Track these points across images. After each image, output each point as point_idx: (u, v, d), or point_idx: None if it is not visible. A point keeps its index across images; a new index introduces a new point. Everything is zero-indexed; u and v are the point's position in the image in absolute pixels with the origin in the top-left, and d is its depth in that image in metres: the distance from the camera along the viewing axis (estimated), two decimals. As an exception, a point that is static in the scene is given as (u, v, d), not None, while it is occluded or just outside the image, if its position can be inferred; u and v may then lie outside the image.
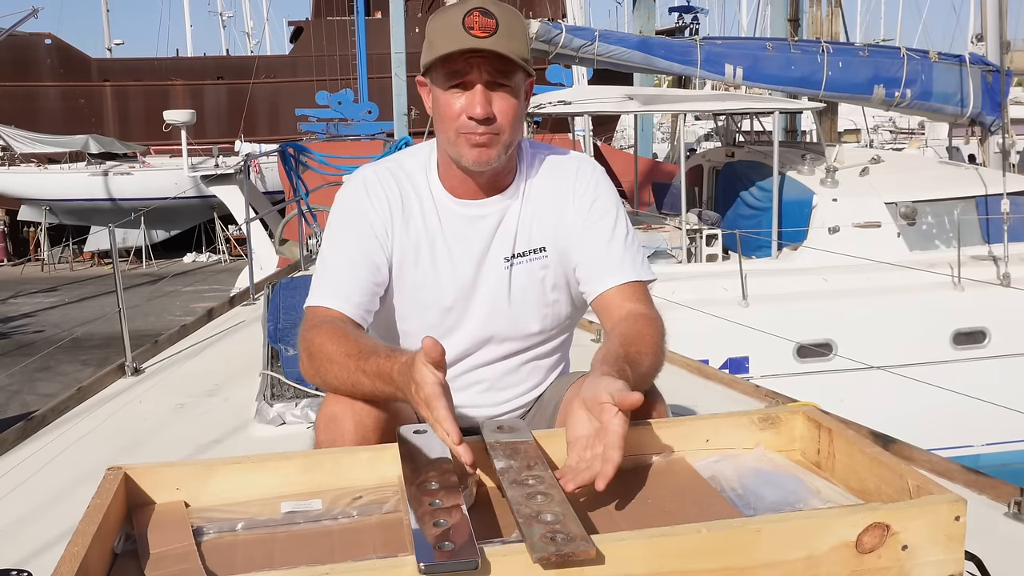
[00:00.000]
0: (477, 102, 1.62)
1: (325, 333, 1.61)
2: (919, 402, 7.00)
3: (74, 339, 11.58)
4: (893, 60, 9.86)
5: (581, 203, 1.78)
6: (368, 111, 19.28)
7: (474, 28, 1.58)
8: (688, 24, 26.01)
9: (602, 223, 1.77)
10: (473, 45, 1.58)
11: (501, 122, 1.65)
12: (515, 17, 1.64)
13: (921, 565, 1.15)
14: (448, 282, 1.76)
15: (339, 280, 1.71)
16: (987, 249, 8.72)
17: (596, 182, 1.80)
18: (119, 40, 38.39)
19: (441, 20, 1.64)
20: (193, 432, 3.26)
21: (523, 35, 1.66)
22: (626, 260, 1.75)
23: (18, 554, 2.15)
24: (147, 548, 1.23)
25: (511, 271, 1.77)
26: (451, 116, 1.65)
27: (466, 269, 1.76)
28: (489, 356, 1.82)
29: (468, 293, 1.77)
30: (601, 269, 1.75)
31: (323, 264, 1.76)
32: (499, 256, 1.77)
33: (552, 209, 1.78)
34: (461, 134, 1.65)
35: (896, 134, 26.59)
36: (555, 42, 9.05)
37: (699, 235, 8.98)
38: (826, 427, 1.45)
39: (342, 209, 1.79)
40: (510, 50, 1.60)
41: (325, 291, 1.71)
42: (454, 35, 1.59)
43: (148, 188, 20.30)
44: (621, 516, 1.30)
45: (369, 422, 1.55)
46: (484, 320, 1.78)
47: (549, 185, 1.79)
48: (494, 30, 1.59)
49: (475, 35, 1.58)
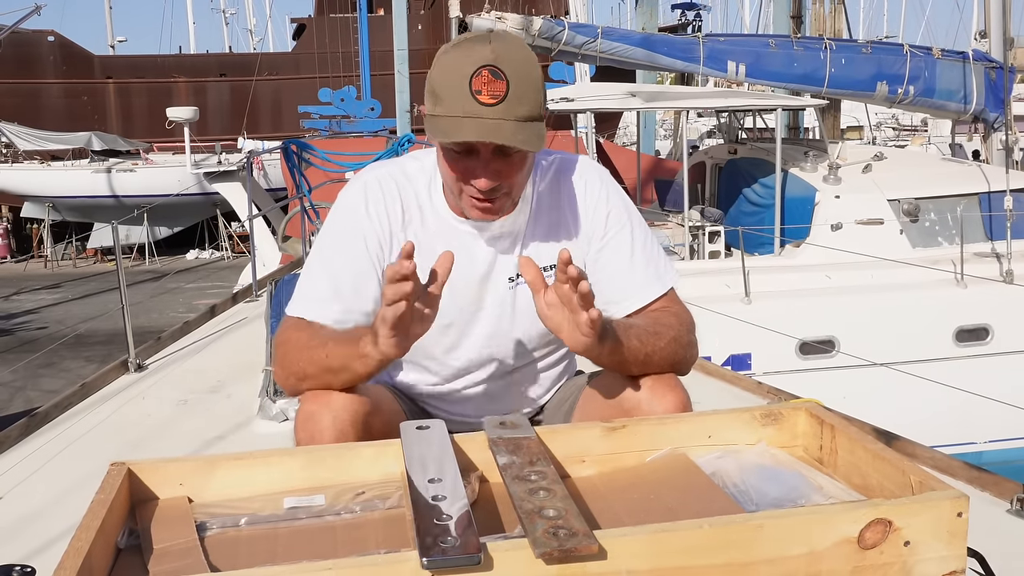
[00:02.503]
0: (482, 175, 1.53)
1: (291, 328, 1.61)
2: (922, 399, 7.00)
3: (77, 336, 11.58)
4: (896, 57, 9.85)
5: (595, 219, 1.70)
6: (371, 108, 19.26)
7: (482, 93, 1.46)
8: (691, 21, 26.00)
9: (620, 237, 1.70)
10: (478, 118, 1.47)
11: (509, 183, 1.57)
12: (528, 67, 1.51)
13: (923, 561, 1.15)
14: (448, 300, 1.61)
15: (324, 298, 1.63)
16: (990, 246, 8.71)
17: (607, 192, 1.73)
18: (122, 37, 38.45)
19: (447, 69, 1.51)
20: (196, 428, 3.27)
21: (537, 88, 1.52)
22: (649, 274, 1.70)
23: (22, 550, 2.15)
24: (150, 543, 1.24)
25: (515, 291, 1.70)
26: (454, 176, 1.57)
27: (467, 288, 1.68)
28: (491, 371, 1.77)
29: (470, 313, 1.70)
30: (624, 290, 1.69)
31: (310, 275, 1.67)
32: (503, 276, 1.70)
33: (561, 226, 1.71)
34: (466, 196, 1.58)
35: (899, 131, 26.57)
36: (558, 39, 9.05)
37: (702, 232, 8.99)
38: (828, 423, 1.45)
39: (338, 220, 1.70)
40: (519, 116, 1.49)
41: (308, 305, 1.63)
42: (459, 98, 1.48)
43: (151, 185, 20.30)
44: (623, 512, 1.30)
45: (346, 416, 1.50)
46: (486, 339, 1.72)
47: (558, 200, 1.71)
48: (503, 96, 1.47)
49: (482, 102, 1.47)
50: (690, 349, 1.66)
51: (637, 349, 1.55)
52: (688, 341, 1.65)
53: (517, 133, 1.49)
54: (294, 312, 1.64)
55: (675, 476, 1.39)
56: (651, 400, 1.56)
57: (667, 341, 1.59)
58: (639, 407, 1.56)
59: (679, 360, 1.62)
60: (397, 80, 14.38)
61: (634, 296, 1.69)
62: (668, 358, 1.59)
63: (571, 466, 1.43)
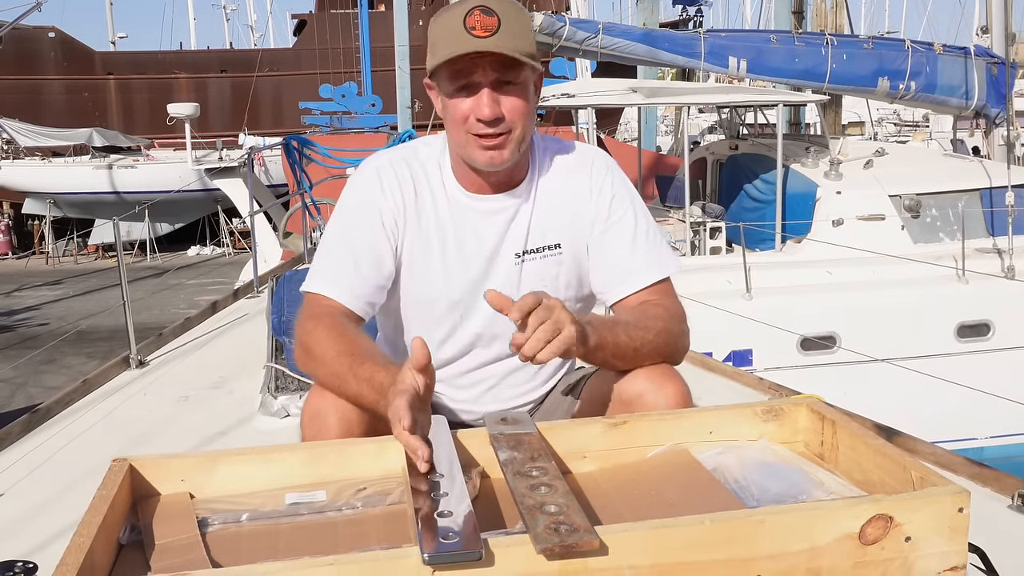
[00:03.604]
0: (485, 104, 1.59)
1: (324, 327, 1.59)
2: (923, 395, 7.00)
3: (79, 332, 11.61)
4: (898, 52, 9.85)
5: (599, 201, 1.75)
6: (372, 104, 19.21)
7: (476, 28, 1.55)
8: (692, 17, 25.93)
9: (623, 221, 1.75)
10: (475, 47, 1.55)
11: (511, 120, 1.62)
12: (518, 12, 1.61)
13: (924, 557, 1.15)
14: (457, 276, 1.74)
15: (342, 270, 1.69)
16: (991, 242, 8.71)
17: (612, 178, 1.78)
18: (123, 33, 38.46)
19: (442, 21, 1.60)
20: (197, 424, 3.27)
21: (527, 30, 1.62)
22: (651, 260, 1.74)
23: (24, 546, 2.15)
24: (152, 539, 1.24)
25: (522, 267, 1.75)
26: (460, 119, 1.63)
27: (476, 264, 1.74)
28: (495, 354, 1.80)
29: (477, 288, 1.74)
30: (620, 275, 1.73)
31: (327, 251, 1.73)
32: (510, 252, 1.75)
33: (568, 206, 1.76)
34: (471, 136, 1.63)
35: (900, 127, 26.54)
36: (559, 35, 9.05)
37: (703, 228, 8.98)
38: (830, 419, 1.45)
39: (353, 197, 1.76)
40: (514, 48, 1.57)
41: (327, 279, 1.68)
42: (456, 37, 1.56)
43: (152, 181, 20.31)
44: (624, 507, 1.30)
45: (353, 417, 1.53)
46: (491, 316, 1.74)
47: (563, 181, 1.77)
48: (496, 28, 1.55)
49: (477, 35, 1.55)
50: (681, 339, 1.68)
51: (625, 344, 1.57)
52: (678, 331, 1.67)
53: (512, 49, 1.57)
54: (312, 288, 1.68)
55: (676, 472, 1.39)
56: (653, 391, 1.57)
57: (655, 334, 1.61)
58: (641, 398, 1.57)
59: (669, 352, 1.64)
60: (398, 76, 14.35)
61: (633, 279, 1.72)
62: (658, 350, 1.61)
63: (572, 462, 1.43)
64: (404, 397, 1.29)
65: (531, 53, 1.61)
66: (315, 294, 1.68)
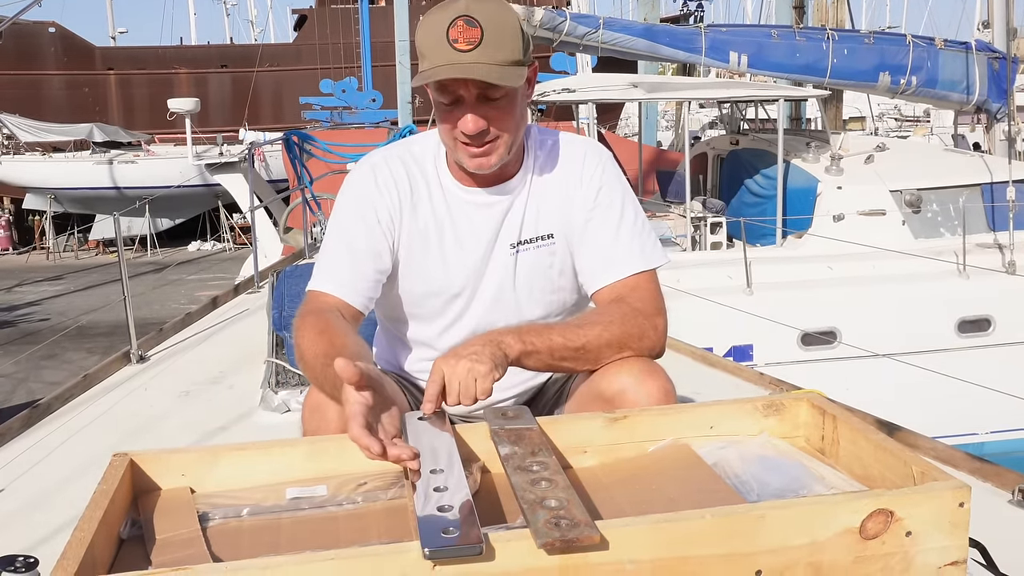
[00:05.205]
0: (468, 120, 1.59)
1: (308, 325, 1.60)
2: (924, 390, 7.00)
3: (79, 327, 11.61)
4: (899, 47, 9.82)
5: (588, 190, 1.77)
6: (372, 99, 19.21)
7: (458, 41, 1.54)
8: (693, 12, 25.95)
9: (609, 210, 1.76)
10: (455, 63, 1.54)
11: (497, 130, 1.63)
12: (502, 15, 1.58)
13: (925, 551, 1.15)
14: (456, 269, 1.77)
15: (340, 267, 1.72)
16: (992, 237, 8.70)
17: (603, 168, 1.79)
18: (123, 28, 38.45)
19: (427, 27, 1.59)
20: (198, 419, 3.26)
21: (513, 35, 1.59)
22: (633, 248, 1.74)
23: (25, 540, 2.15)
24: (153, 534, 1.24)
25: (517, 257, 1.77)
26: (447, 128, 1.64)
27: (474, 256, 1.77)
28: None
29: (475, 280, 1.78)
30: (602, 263, 1.73)
31: (326, 250, 1.77)
32: (505, 243, 1.77)
33: (560, 196, 1.78)
34: (459, 143, 1.64)
35: (901, 122, 26.50)
36: (559, 30, 9.03)
37: (703, 223, 8.97)
38: (830, 414, 1.45)
39: (349, 196, 1.78)
40: (498, 60, 1.55)
41: (326, 277, 1.72)
42: (438, 49, 1.55)
43: (152, 176, 20.30)
44: (625, 502, 1.30)
45: None
46: (489, 306, 1.79)
47: (557, 171, 1.79)
48: (478, 41, 1.54)
49: (459, 48, 1.54)
50: (646, 332, 1.65)
51: (561, 345, 1.58)
52: (642, 324, 1.64)
53: (492, 72, 1.55)
54: (311, 286, 1.72)
55: (677, 467, 1.39)
56: (634, 388, 1.57)
57: (603, 327, 1.61)
58: (623, 394, 1.57)
59: (634, 345, 1.62)
60: (398, 71, 14.35)
61: (613, 269, 1.73)
62: (614, 344, 1.61)
63: (573, 456, 1.43)
64: (356, 422, 1.28)
65: (517, 60, 1.59)
66: (314, 291, 1.71)
